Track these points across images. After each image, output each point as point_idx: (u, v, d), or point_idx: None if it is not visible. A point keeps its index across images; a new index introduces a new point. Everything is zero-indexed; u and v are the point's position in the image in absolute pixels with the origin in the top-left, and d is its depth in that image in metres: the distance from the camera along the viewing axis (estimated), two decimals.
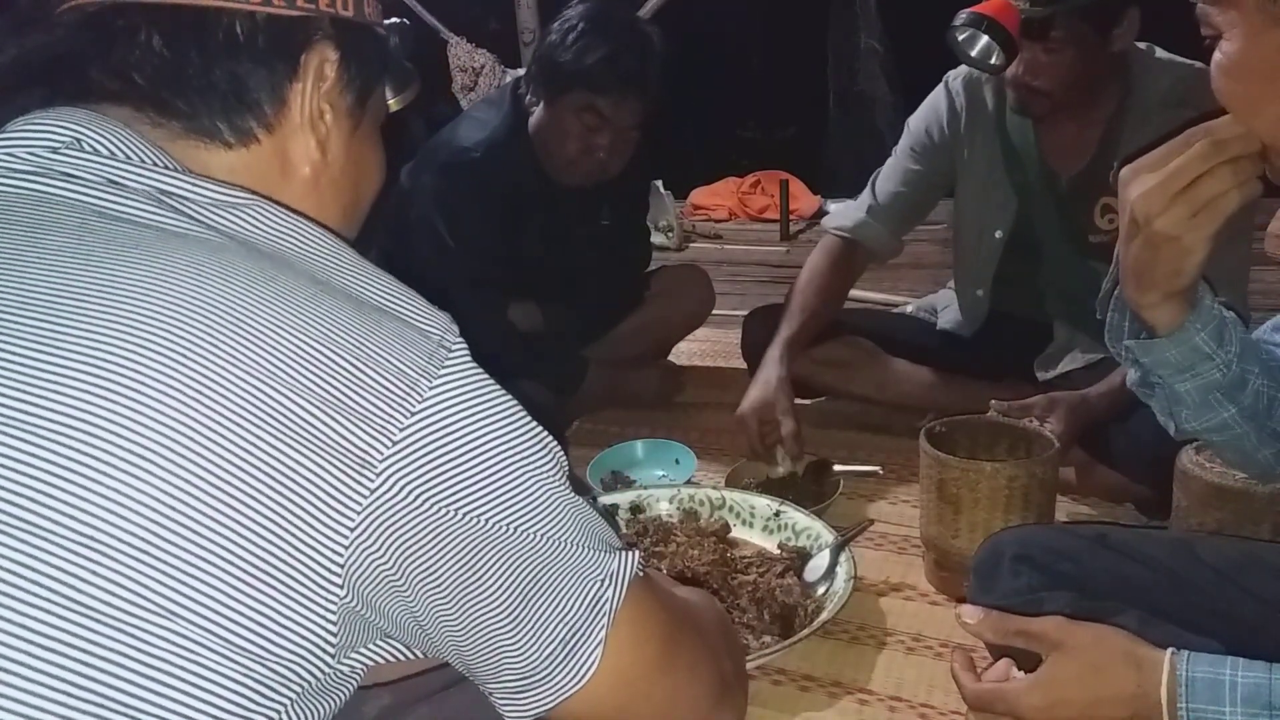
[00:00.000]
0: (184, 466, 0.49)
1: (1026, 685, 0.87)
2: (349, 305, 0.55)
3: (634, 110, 1.91)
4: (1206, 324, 0.91)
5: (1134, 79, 1.77)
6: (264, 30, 0.63)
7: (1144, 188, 0.86)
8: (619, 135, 1.94)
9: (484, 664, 0.61)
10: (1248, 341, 0.95)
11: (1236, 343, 0.93)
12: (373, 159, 0.74)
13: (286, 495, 0.51)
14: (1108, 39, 1.69)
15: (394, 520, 0.54)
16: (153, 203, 0.56)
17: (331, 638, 0.54)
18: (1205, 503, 1.35)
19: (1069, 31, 1.67)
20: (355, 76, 0.69)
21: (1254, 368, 0.94)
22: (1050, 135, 1.87)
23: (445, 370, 0.56)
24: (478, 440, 0.56)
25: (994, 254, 1.96)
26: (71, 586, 0.47)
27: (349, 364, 0.53)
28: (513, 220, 1.98)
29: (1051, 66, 1.71)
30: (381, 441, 0.53)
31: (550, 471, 0.60)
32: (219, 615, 0.50)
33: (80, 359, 0.50)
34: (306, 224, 0.59)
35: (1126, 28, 1.69)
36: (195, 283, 0.52)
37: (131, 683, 0.48)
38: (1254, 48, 0.80)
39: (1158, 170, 0.86)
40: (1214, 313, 0.92)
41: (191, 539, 0.49)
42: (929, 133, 1.99)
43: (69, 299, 0.51)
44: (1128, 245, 0.89)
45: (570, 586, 0.61)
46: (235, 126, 0.64)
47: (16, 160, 0.57)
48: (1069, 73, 1.71)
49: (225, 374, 0.50)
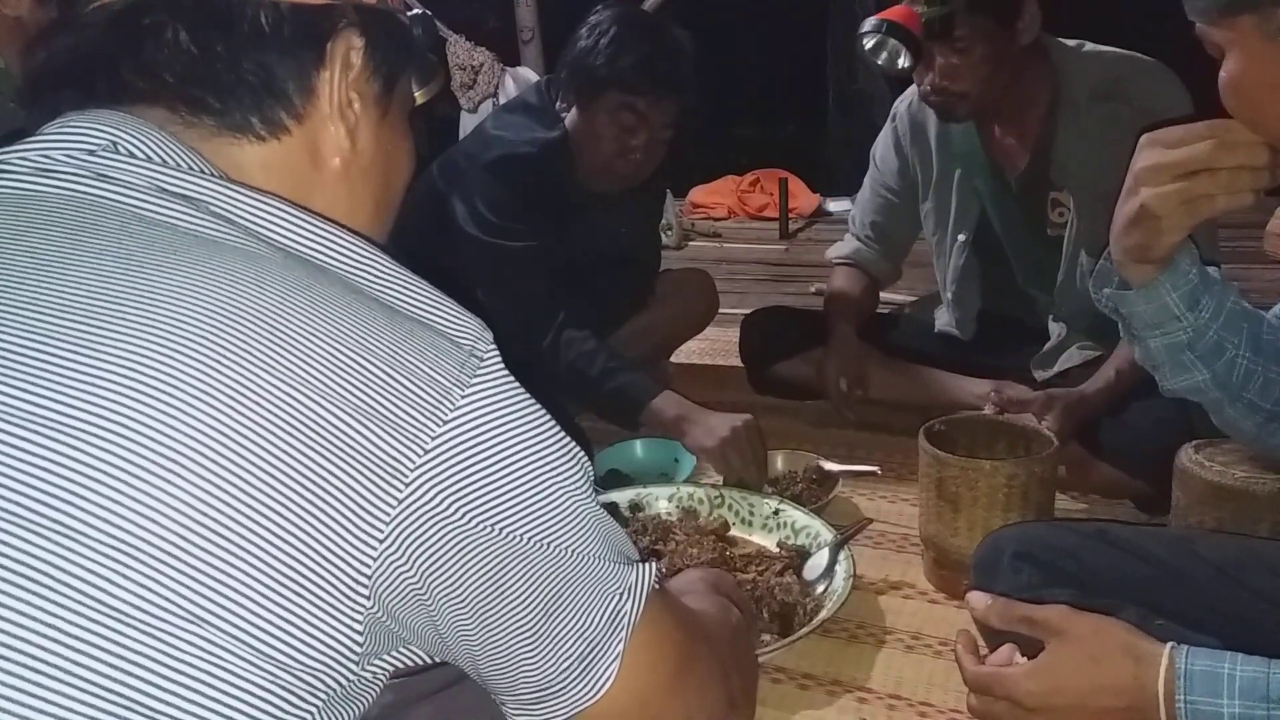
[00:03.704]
0: (215, 473, 0.49)
1: (1026, 671, 0.88)
2: (382, 314, 0.55)
3: (669, 110, 1.93)
4: (1179, 286, 0.95)
5: (1061, 75, 1.81)
6: (289, 19, 0.63)
7: (1149, 159, 0.90)
8: (654, 137, 1.95)
9: (499, 675, 0.61)
10: (1235, 312, 0.98)
11: (1211, 309, 0.96)
12: (402, 147, 0.73)
13: (317, 503, 0.51)
14: (1013, 32, 1.73)
15: (422, 530, 0.54)
16: (190, 207, 0.56)
17: (357, 647, 0.54)
18: (1204, 501, 1.35)
19: (972, 29, 1.71)
20: (381, 64, 0.68)
21: (1235, 338, 0.97)
22: (992, 138, 1.92)
23: (477, 379, 0.56)
24: (509, 450, 0.56)
25: (962, 257, 2.03)
26: (101, 589, 0.47)
27: (382, 372, 0.53)
28: (551, 221, 1.98)
29: (963, 68, 1.75)
30: (414, 450, 0.53)
31: (578, 483, 0.60)
32: (247, 622, 0.50)
33: (116, 363, 0.50)
34: (340, 231, 0.59)
35: (1029, 20, 1.73)
36: (230, 290, 0.52)
37: (159, 687, 0.48)
38: (1255, 66, 0.83)
39: (1170, 146, 0.89)
40: (1189, 276, 0.95)
41: (221, 545, 0.49)
42: (884, 159, 2.12)
43: (107, 303, 0.52)
44: (1122, 202, 0.93)
45: (590, 600, 0.61)
46: (266, 118, 0.63)
47: (53, 162, 0.57)
48: (981, 70, 1.74)
49: (258, 381, 0.50)
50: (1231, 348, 0.97)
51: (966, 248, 2.01)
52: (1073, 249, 1.85)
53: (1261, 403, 0.99)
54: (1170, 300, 0.95)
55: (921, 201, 2.09)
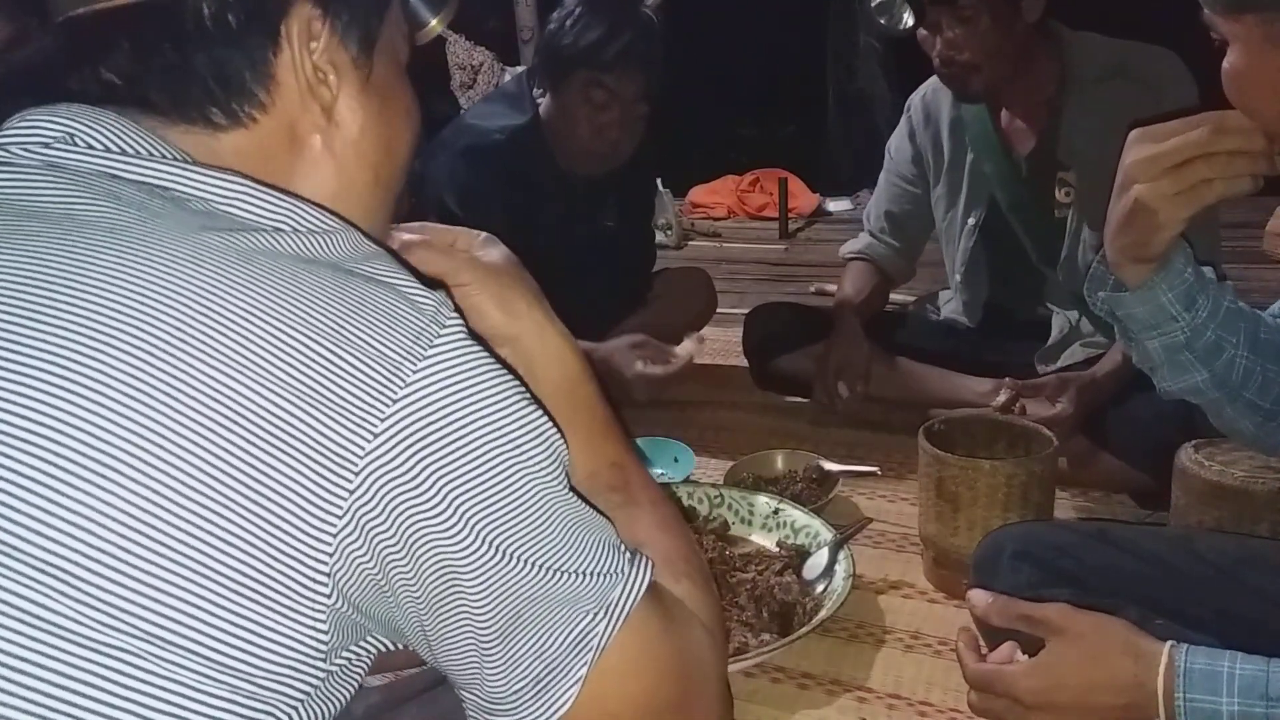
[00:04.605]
0: (152, 477, 0.46)
1: (1025, 668, 0.88)
2: (333, 282, 0.51)
3: (638, 83, 1.95)
4: (1174, 286, 0.94)
5: (1070, 57, 1.83)
6: (234, 7, 0.59)
7: (1140, 153, 0.89)
8: (627, 111, 1.97)
9: (456, 675, 0.58)
10: (1232, 311, 0.98)
11: (1208, 309, 0.95)
12: (396, 107, 0.67)
13: (264, 501, 0.48)
14: (1018, 7, 1.75)
15: (378, 520, 0.50)
16: (144, 193, 0.54)
17: (322, 645, 0.51)
18: (1204, 500, 1.35)
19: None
20: (350, 24, 0.63)
21: (1232, 337, 0.97)
22: (1002, 122, 1.94)
23: (434, 350, 0.51)
24: (466, 431, 0.51)
25: (971, 240, 2.04)
26: (42, 606, 0.45)
27: (327, 351, 0.49)
28: (525, 209, 1.99)
29: (970, 37, 1.76)
30: (362, 436, 0.49)
31: (545, 466, 0.55)
32: (201, 634, 0.47)
33: (45, 359, 0.47)
34: (302, 201, 0.57)
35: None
36: (166, 270, 0.49)
37: (109, 704, 0.46)
38: (1257, 61, 0.83)
39: (1159, 140, 0.88)
40: (1185, 276, 0.94)
41: (165, 555, 0.46)
42: (899, 149, 2.14)
43: (41, 295, 0.49)
44: (1114, 202, 0.93)
45: (555, 619, 0.56)
46: (227, 111, 0.60)
47: (8, 155, 0.56)
48: (987, 41, 1.76)
49: (194, 370, 0.47)
50: (1230, 347, 0.97)
51: (976, 231, 2.03)
52: (1076, 225, 1.87)
53: (1261, 401, 0.99)
54: (1166, 300, 0.94)
55: (933, 188, 2.10)
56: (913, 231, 2.19)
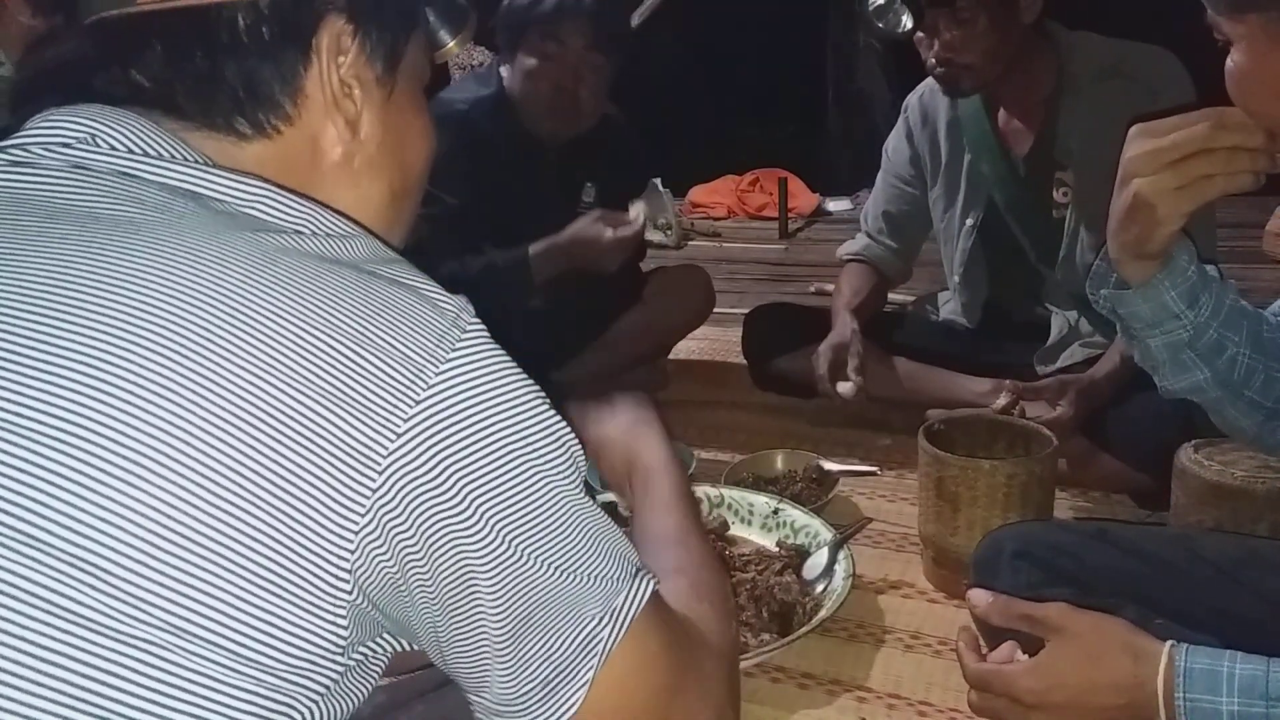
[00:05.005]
0: (181, 474, 0.47)
1: (1025, 668, 0.88)
2: (358, 284, 0.53)
3: (587, 30, 1.98)
4: (1177, 284, 0.94)
5: (1067, 57, 1.84)
6: (269, 19, 0.60)
7: (1140, 148, 0.89)
8: (583, 63, 2.01)
9: (464, 677, 0.59)
10: (1235, 309, 0.97)
11: (1211, 307, 0.95)
12: (414, 124, 0.69)
13: (289, 499, 0.49)
14: (1015, 8, 1.76)
15: (397, 520, 0.51)
16: (166, 194, 0.55)
17: (342, 639, 0.52)
18: (1203, 500, 1.35)
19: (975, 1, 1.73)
20: (379, 42, 0.64)
21: (1235, 335, 0.97)
22: (999, 122, 1.94)
23: (456, 353, 0.52)
24: (486, 430, 0.53)
25: (969, 240, 2.04)
26: (71, 599, 0.46)
27: (352, 352, 0.50)
28: (494, 177, 2.01)
29: (967, 38, 1.76)
30: (385, 435, 0.50)
31: (563, 470, 0.56)
32: (226, 628, 0.48)
33: (76, 359, 0.48)
34: (322, 206, 0.57)
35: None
36: (193, 270, 0.50)
37: (135, 695, 0.47)
38: (1259, 63, 0.83)
39: (1160, 135, 0.88)
40: (1188, 274, 0.94)
41: (193, 550, 0.47)
42: (896, 149, 2.14)
43: (69, 294, 0.50)
44: (1115, 197, 0.92)
45: (563, 622, 0.56)
46: (253, 121, 0.61)
47: (31, 155, 0.57)
48: (984, 43, 1.76)
49: (222, 371, 0.48)
50: (1232, 345, 0.97)
51: (974, 231, 2.02)
52: (1073, 225, 1.87)
53: (1263, 401, 0.98)
54: (1169, 298, 0.94)
55: (930, 188, 2.10)
56: (910, 232, 2.18)
